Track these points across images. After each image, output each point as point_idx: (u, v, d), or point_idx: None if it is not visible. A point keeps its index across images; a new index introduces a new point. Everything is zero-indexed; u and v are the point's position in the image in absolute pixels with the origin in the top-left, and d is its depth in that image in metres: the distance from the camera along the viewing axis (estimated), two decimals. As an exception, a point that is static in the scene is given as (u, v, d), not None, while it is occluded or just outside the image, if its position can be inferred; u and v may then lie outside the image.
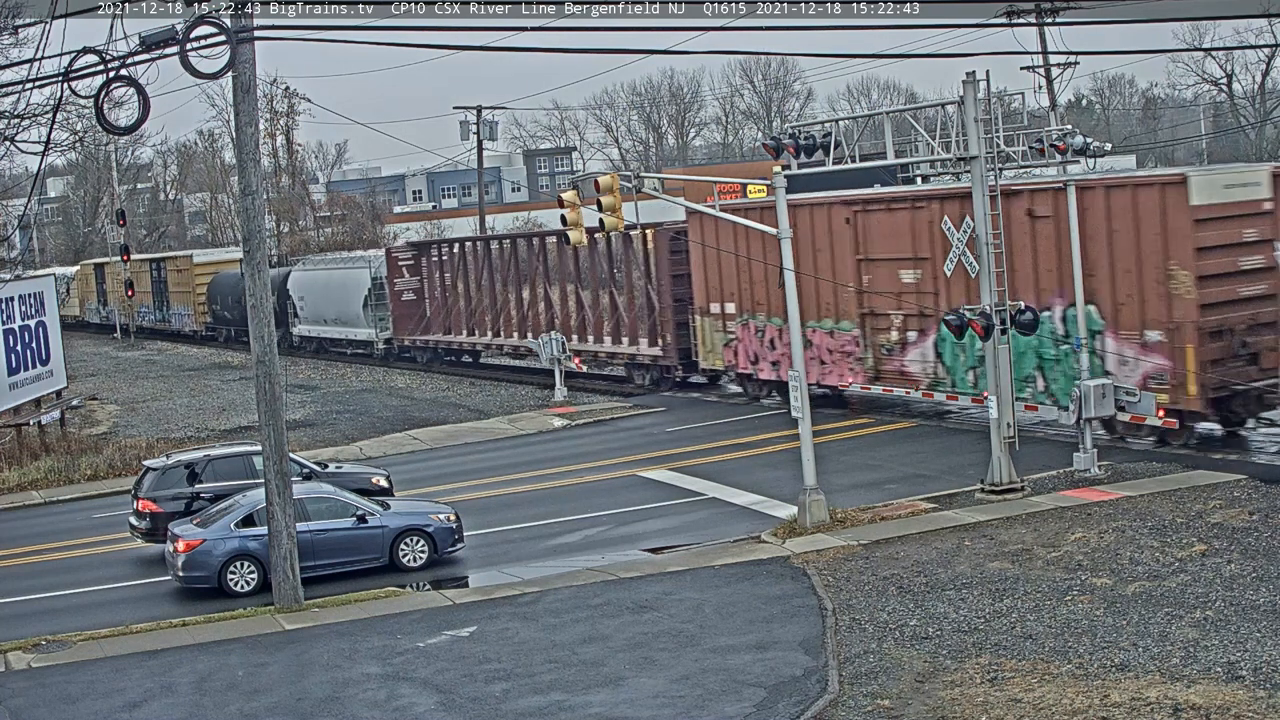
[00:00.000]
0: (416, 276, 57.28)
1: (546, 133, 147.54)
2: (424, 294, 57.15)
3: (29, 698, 19.19)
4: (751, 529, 25.66)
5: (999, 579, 20.73)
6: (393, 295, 57.31)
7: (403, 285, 57.26)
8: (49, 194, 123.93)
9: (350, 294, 59.43)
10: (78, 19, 22.36)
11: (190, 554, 23.99)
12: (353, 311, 59.67)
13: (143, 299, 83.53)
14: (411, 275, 57.27)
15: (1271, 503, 23.52)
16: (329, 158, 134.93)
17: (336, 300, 60.90)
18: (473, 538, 26.15)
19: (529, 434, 38.58)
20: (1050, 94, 52.41)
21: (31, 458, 38.44)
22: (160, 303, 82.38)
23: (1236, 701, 15.28)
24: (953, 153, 26.50)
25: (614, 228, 26.84)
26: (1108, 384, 27.31)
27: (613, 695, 17.33)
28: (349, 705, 17.87)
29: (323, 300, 62.30)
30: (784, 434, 32.99)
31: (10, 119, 33.96)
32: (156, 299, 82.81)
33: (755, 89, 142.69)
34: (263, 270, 22.99)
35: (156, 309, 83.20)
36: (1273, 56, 77.23)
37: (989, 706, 15.87)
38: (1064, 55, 51.71)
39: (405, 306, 57.01)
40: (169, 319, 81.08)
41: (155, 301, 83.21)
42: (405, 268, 57.28)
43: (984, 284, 26.17)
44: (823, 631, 19.08)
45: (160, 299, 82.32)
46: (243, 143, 22.86)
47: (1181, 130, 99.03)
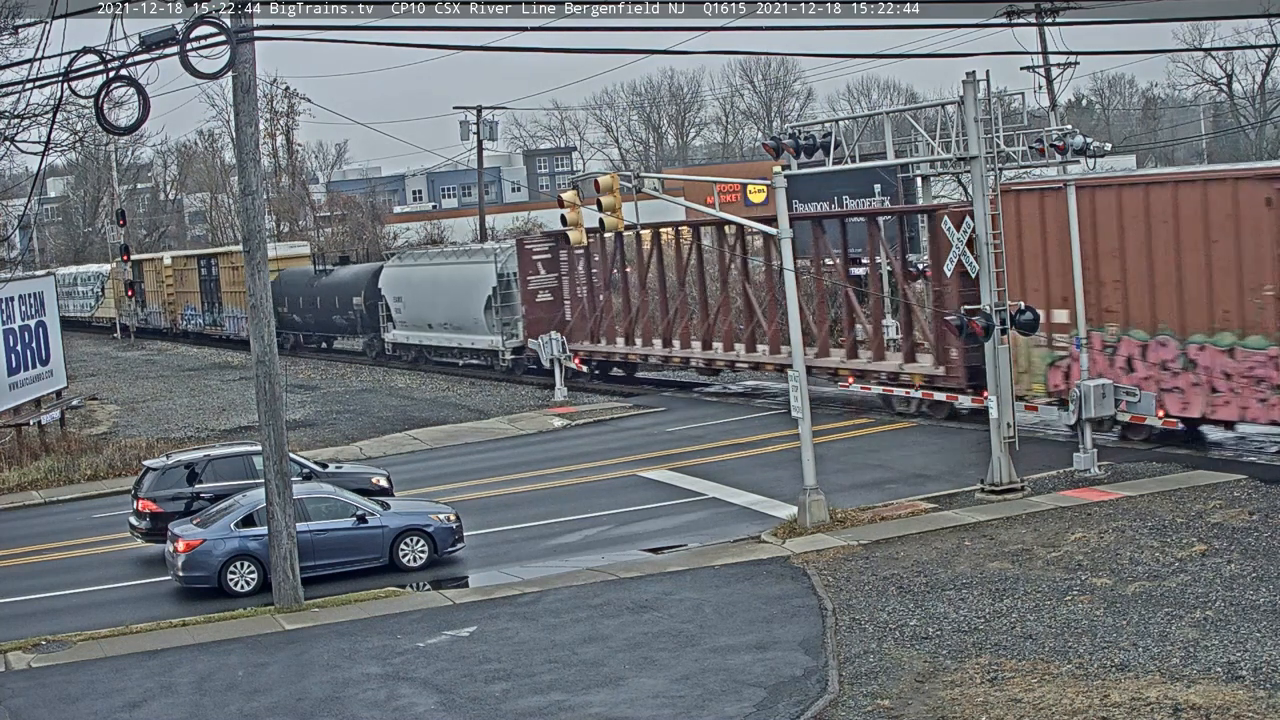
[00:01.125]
0: (554, 273, 47.94)
1: (546, 133, 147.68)
2: (562, 294, 48.01)
3: (29, 698, 19.19)
4: (751, 529, 25.66)
5: (999, 579, 20.72)
6: (525, 295, 47.95)
7: (538, 283, 47.84)
8: (49, 194, 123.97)
9: (468, 293, 50.55)
10: (78, 19, 22.38)
11: (190, 554, 23.99)
12: (470, 315, 50.94)
13: (187, 300, 76.68)
14: (548, 271, 47.88)
15: (1271, 503, 23.52)
16: (329, 158, 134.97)
17: (448, 301, 52.19)
18: (473, 538, 26.15)
19: (529, 434, 38.59)
20: (1050, 94, 52.42)
21: (31, 458, 38.46)
22: (210, 304, 74.13)
23: (1236, 701, 15.28)
24: (953, 153, 26.50)
25: (614, 228, 26.83)
26: (1107, 384, 27.30)
27: (613, 695, 17.33)
28: (349, 705, 17.87)
29: (428, 301, 53.65)
30: (784, 434, 33.01)
31: (10, 119, 33.96)
32: (206, 300, 74.63)
33: (755, 89, 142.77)
34: (263, 270, 22.96)
35: (206, 311, 74.90)
36: (1273, 56, 77.24)
37: (989, 706, 15.86)
38: (1064, 55, 51.71)
39: (540, 309, 47.50)
40: (221, 322, 72.39)
41: (205, 303, 74.85)
42: (541, 262, 47.93)
43: (984, 284, 26.17)
44: (823, 631, 19.08)
45: (210, 300, 73.99)
46: (243, 143, 22.86)
47: (1181, 130, 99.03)
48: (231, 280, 68.93)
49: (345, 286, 60.39)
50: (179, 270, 78.53)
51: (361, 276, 59.73)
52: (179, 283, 78.68)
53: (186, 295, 76.62)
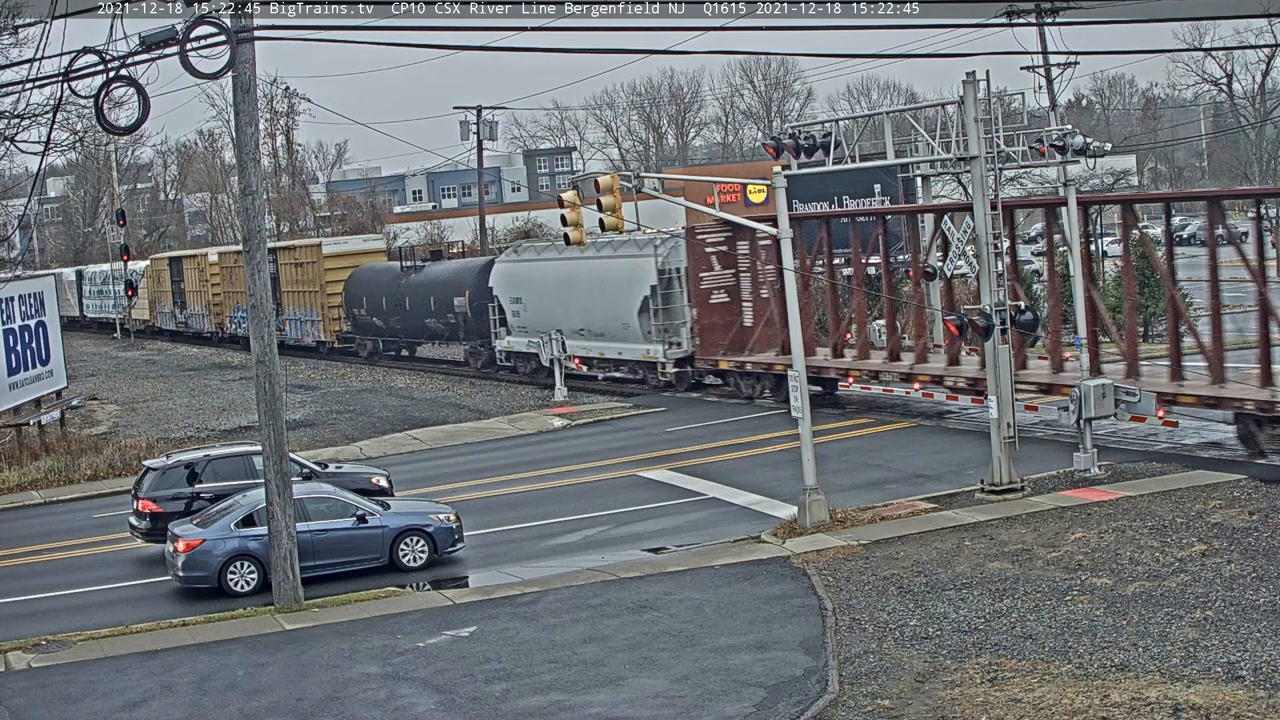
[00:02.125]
0: (729, 268, 40.35)
1: (546, 133, 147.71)
2: (739, 294, 40.55)
3: (29, 698, 19.18)
4: (751, 529, 25.66)
5: (999, 579, 20.72)
6: (697, 295, 40.27)
7: (712, 281, 40.03)
8: (49, 194, 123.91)
9: (618, 293, 42.41)
10: (78, 19, 22.38)
11: (190, 554, 23.99)
12: (618, 319, 42.72)
13: (234, 300, 68.25)
14: (724, 266, 40.18)
15: (1271, 503, 23.52)
16: (329, 158, 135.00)
17: (588, 303, 44.13)
18: (473, 538, 26.15)
19: (529, 434, 38.58)
20: (1050, 94, 52.38)
21: (31, 458, 38.46)
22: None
23: (1236, 701, 15.28)
24: (953, 153, 26.52)
25: (613, 228, 26.84)
26: (1107, 384, 27.30)
27: (613, 695, 17.33)
28: (349, 705, 17.87)
29: (558, 303, 45.32)
30: (784, 434, 33.00)
31: (10, 119, 33.96)
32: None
33: (755, 89, 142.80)
34: (263, 270, 22.97)
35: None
36: (1273, 56, 77.15)
37: (989, 706, 15.86)
38: (1064, 55, 51.68)
39: (714, 312, 39.91)
40: (281, 325, 61.81)
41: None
42: (716, 255, 40.26)
43: (984, 284, 26.17)
44: (823, 631, 19.08)
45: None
46: (243, 143, 22.86)
47: (1181, 130, 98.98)
48: (295, 278, 62.63)
49: (443, 285, 52.66)
50: (228, 268, 69.70)
51: (465, 274, 52.29)
52: (227, 281, 70.06)
53: (237, 295, 67.19)
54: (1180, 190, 44.08)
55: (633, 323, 42.20)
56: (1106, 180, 67.33)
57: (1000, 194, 28.05)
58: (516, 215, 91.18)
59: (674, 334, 41.64)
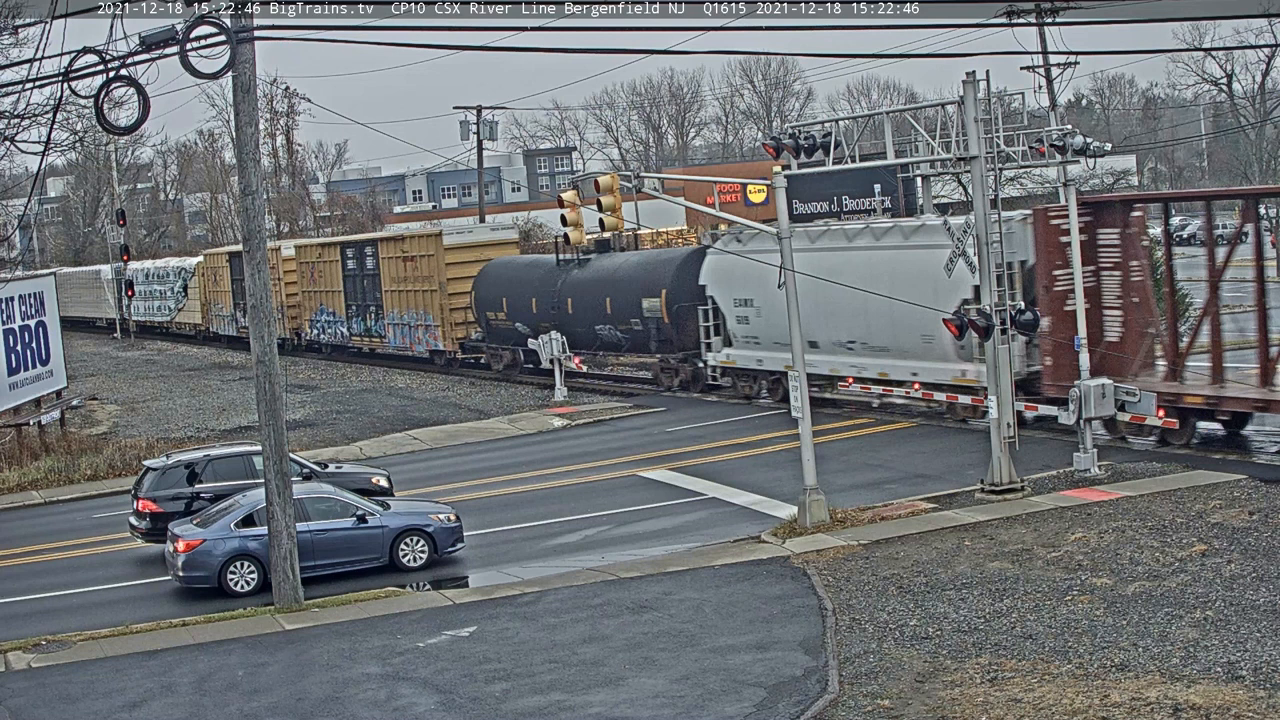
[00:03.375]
0: (1089, 265, 29.87)
1: (546, 133, 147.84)
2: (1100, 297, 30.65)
3: (29, 698, 19.18)
4: (751, 529, 25.66)
5: (999, 579, 20.72)
6: (1050, 300, 29.84)
7: (1066, 282, 29.19)
8: (49, 194, 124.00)
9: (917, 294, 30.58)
10: (78, 19, 22.38)
11: (190, 554, 23.99)
12: (916, 330, 32.62)
13: (317, 302, 59.69)
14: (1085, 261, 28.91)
15: (1271, 503, 23.51)
16: (329, 158, 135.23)
17: (864, 306, 33.37)
18: (473, 538, 26.15)
19: (529, 434, 38.58)
20: (1050, 94, 52.36)
21: (31, 458, 38.46)
22: (364, 308, 56.33)
23: (1236, 701, 15.28)
24: (953, 153, 26.53)
25: (614, 228, 26.84)
26: (1107, 384, 27.30)
27: (613, 695, 17.33)
28: (349, 705, 17.87)
29: (819, 305, 33.88)
30: (784, 434, 33.00)
31: (10, 119, 33.96)
32: (355, 302, 57.11)
33: (755, 89, 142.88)
34: (263, 270, 22.95)
35: (356, 318, 57.01)
36: (1273, 56, 77.13)
37: (989, 706, 15.86)
38: (1064, 55, 51.64)
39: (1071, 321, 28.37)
40: (380, 331, 54.93)
41: (352, 306, 57.27)
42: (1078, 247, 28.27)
43: (984, 284, 26.17)
44: (823, 631, 19.08)
45: (363, 301, 56.28)
46: (243, 143, 22.86)
47: (1181, 130, 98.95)
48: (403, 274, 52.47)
49: (626, 284, 42.36)
50: (308, 263, 60.90)
51: (658, 268, 41.77)
52: (308, 279, 61.26)
53: (320, 296, 60.01)
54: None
55: (940, 335, 31.00)
56: (1106, 180, 67.32)
57: (1000, 194, 28.02)
58: (516, 215, 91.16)
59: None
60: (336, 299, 58.48)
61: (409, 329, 52.93)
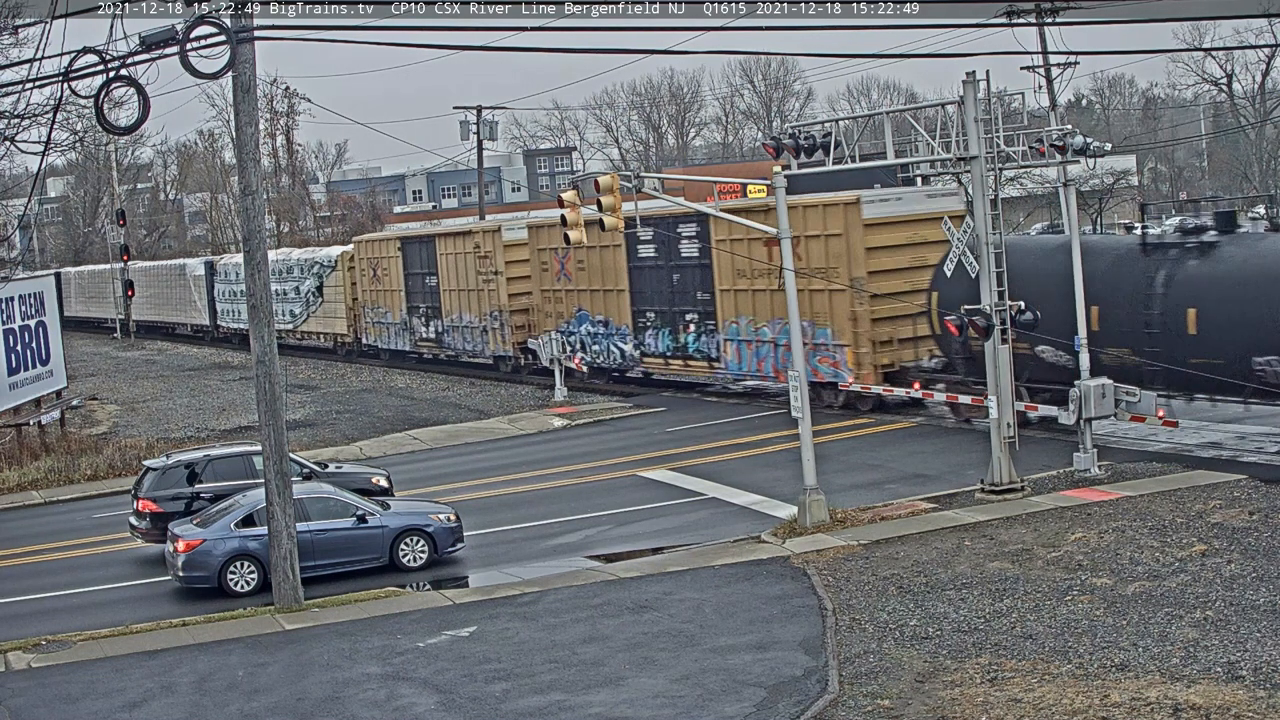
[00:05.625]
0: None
1: (546, 133, 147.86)
2: None
3: (29, 698, 19.18)
4: (751, 529, 25.65)
5: (999, 579, 20.72)
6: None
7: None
8: (49, 194, 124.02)
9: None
10: (78, 19, 22.37)
11: (190, 554, 23.99)
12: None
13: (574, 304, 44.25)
14: None
15: (1271, 503, 23.51)
16: (329, 158, 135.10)
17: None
18: (473, 538, 26.15)
19: (529, 434, 38.58)
20: (1050, 94, 52.41)
21: (31, 458, 38.46)
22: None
23: (1236, 701, 15.28)
24: (953, 153, 26.51)
25: (614, 227, 26.83)
26: (1107, 384, 27.30)
27: (613, 695, 17.33)
28: (349, 705, 17.87)
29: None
30: (784, 434, 32.99)
31: (10, 119, 33.96)
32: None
33: (755, 89, 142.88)
34: (263, 270, 22.95)
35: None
36: (1273, 56, 77.27)
37: (989, 706, 15.86)
38: (1064, 55, 51.70)
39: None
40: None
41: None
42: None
43: (984, 284, 26.16)
44: (823, 631, 19.08)
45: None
46: (243, 143, 22.86)
47: (1181, 130, 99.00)
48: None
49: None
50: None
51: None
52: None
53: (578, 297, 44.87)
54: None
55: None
56: (1106, 180, 67.36)
57: (1000, 194, 28.00)
58: (516, 215, 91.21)
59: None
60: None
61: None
